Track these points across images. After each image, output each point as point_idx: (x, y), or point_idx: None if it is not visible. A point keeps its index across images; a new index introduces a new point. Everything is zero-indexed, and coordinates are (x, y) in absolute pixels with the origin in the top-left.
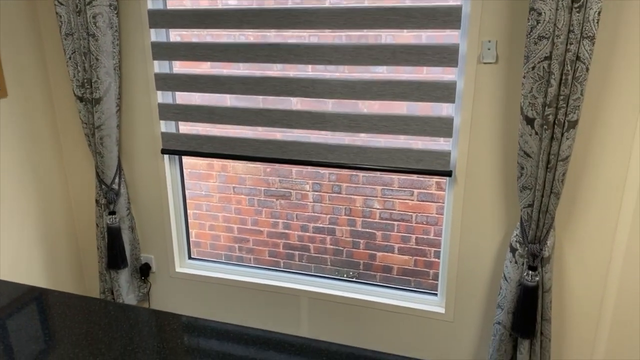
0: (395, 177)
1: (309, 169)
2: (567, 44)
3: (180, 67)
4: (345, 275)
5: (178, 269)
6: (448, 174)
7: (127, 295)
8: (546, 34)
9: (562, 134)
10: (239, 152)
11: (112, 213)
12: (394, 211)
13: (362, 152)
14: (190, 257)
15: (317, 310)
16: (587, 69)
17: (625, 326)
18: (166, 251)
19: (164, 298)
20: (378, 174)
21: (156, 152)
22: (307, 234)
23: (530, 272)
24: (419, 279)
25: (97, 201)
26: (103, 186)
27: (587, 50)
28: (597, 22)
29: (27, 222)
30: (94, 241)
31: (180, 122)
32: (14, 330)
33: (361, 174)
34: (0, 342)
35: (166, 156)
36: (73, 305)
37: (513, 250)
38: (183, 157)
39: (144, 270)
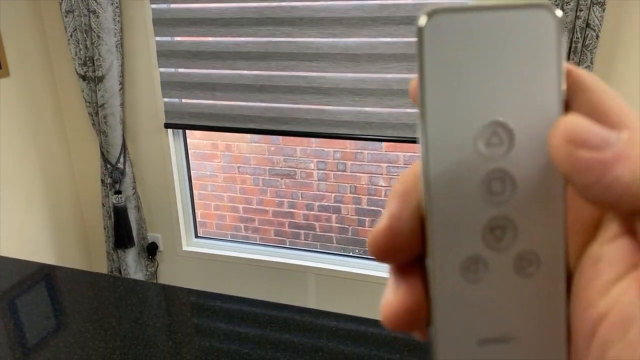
0: (400, 154)
1: (314, 146)
2: (577, 11)
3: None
4: (351, 253)
5: (185, 248)
6: None
7: (135, 274)
8: (556, 1)
9: None
10: (242, 122)
11: (118, 192)
12: None
13: (367, 126)
14: (197, 236)
15: (324, 286)
16: (597, 37)
17: None
18: (173, 230)
19: (172, 276)
20: (383, 150)
21: (160, 129)
22: (313, 212)
23: None
24: None
25: (102, 181)
26: (108, 165)
27: (597, 17)
28: None
29: (32, 203)
30: (100, 221)
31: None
32: (25, 306)
33: (366, 151)
34: (12, 319)
35: (170, 134)
36: (82, 282)
37: None
38: (188, 138)
39: (151, 249)
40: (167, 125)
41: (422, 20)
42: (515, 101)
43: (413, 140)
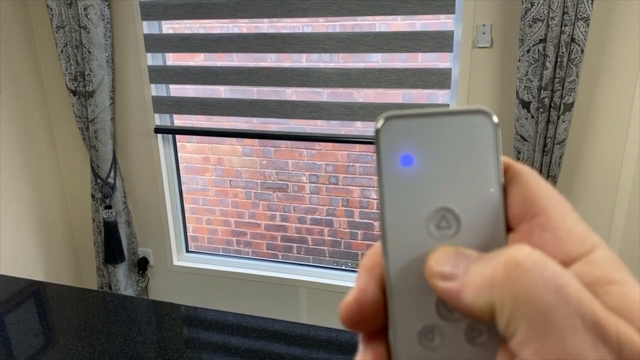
0: None
1: (306, 159)
2: (561, 26)
3: (174, 59)
4: (344, 267)
5: (176, 262)
6: None
7: (126, 289)
8: (540, 16)
9: (558, 117)
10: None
11: (109, 207)
12: None
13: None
14: (188, 251)
15: (316, 301)
16: (582, 51)
17: None
18: (164, 244)
19: (163, 291)
20: (375, 164)
21: (151, 145)
22: (305, 225)
23: None
24: None
25: (92, 196)
26: (98, 180)
27: (582, 32)
28: (592, 3)
29: (22, 218)
30: (90, 236)
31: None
32: (13, 323)
33: (358, 164)
34: (0, 336)
35: (161, 148)
36: (71, 298)
37: None
38: (179, 152)
39: (142, 264)
40: (157, 130)
41: (379, 124)
42: (462, 191)
43: None
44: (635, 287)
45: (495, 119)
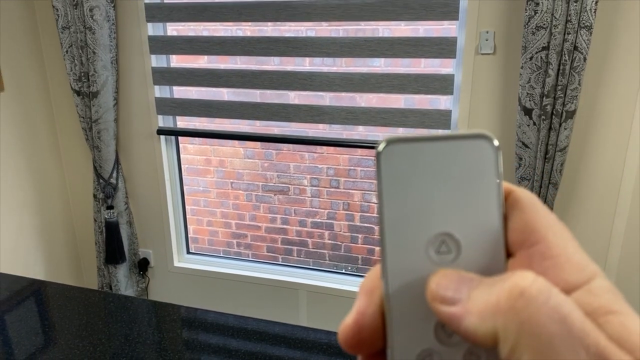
0: None
1: (308, 163)
2: (564, 34)
3: (178, 61)
4: (343, 270)
5: (176, 264)
6: None
7: (126, 290)
8: (544, 24)
9: (560, 125)
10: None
11: (110, 208)
12: None
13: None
14: (188, 252)
15: (316, 304)
16: (585, 59)
17: None
18: (164, 246)
19: (163, 293)
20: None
21: (154, 146)
22: (306, 229)
23: None
24: None
25: (94, 196)
26: (101, 180)
27: (584, 40)
28: (595, 12)
29: (24, 217)
30: (92, 236)
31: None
32: (13, 322)
33: (359, 168)
34: (0, 335)
35: (164, 149)
36: (72, 297)
37: None
38: (181, 153)
39: (143, 265)
40: (160, 132)
41: (380, 147)
42: (462, 216)
43: None
44: (634, 318)
45: (496, 142)
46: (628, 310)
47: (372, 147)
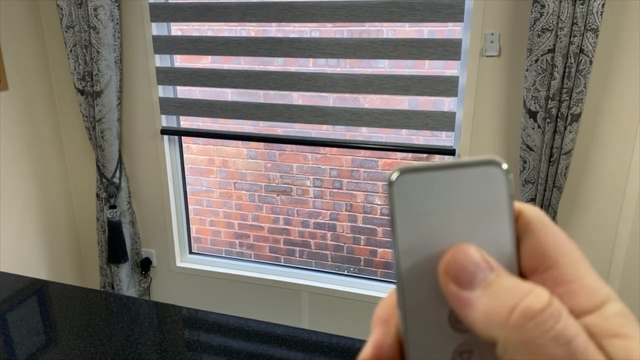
0: None
1: (311, 163)
2: (570, 37)
3: (182, 61)
4: (346, 272)
5: (179, 264)
6: None
7: (128, 289)
8: (550, 27)
9: (565, 128)
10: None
11: (113, 207)
12: None
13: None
14: (191, 252)
15: (318, 305)
16: (591, 62)
17: None
18: (167, 245)
19: (165, 293)
20: (379, 169)
21: (157, 146)
22: (308, 229)
23: None
24: None
25: (97, 195)
26: (104, 180)
27: (590, 43)
28: (601, 15)
29: (27, 215)
30: (94, 235)
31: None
32: (15, 322)
33: (362, 169)
34: (2, 334)
35: (167, 149)
36: (74, 297)
37: None
38: (184, 153)
39: (145, 265)
40: (164, 132)
41: (393, 176)
42: (475, 242)
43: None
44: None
45: (505, 166)
46: (636, 334)
47: (375, 149)
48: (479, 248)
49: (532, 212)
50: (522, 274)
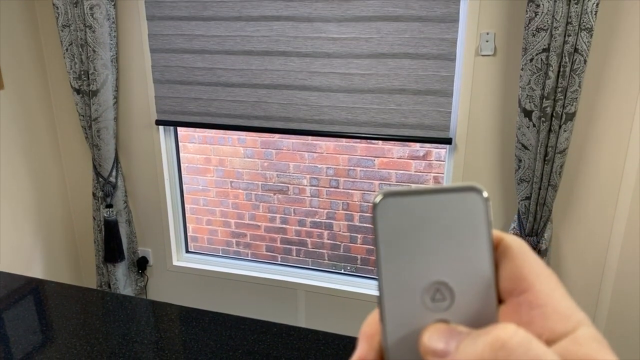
0: (392, 171)
1: (307, 162)
2: (565, 36)
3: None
4: (342, 270)
5: (175, 263)
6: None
7: (124, 288)
8: (544, 26)
9: (560, 127)
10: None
11: (109, 206)
12: None
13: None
14: (187, 251)
15: (314, 304)
16: (585, 61)
17: (622, 318)
18: (163, 244)
19: (161, 291)
20: (375, 168)
21: (154, 143)
22: (305, 228)
23: None
24: None
25: (94, 194)
26: (100, 179)
27: (585, 42)
28: (596, 14)
29: (23, 215)
30: (91, 234)
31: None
32: (11, 320)
33: (359, 168)
34: None
35: (164, 148)
36: (70, 296)
37: None
38: (181, 152)
39: (141, 264)
40: (159, 122)
41: (377, 199)
42: (455, 265)
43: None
44: None
45: (485, 194)
46: (612, 358)
47: (374, 138)
48: (446, 325)
49: (514, 240)
50: (500, 297)
